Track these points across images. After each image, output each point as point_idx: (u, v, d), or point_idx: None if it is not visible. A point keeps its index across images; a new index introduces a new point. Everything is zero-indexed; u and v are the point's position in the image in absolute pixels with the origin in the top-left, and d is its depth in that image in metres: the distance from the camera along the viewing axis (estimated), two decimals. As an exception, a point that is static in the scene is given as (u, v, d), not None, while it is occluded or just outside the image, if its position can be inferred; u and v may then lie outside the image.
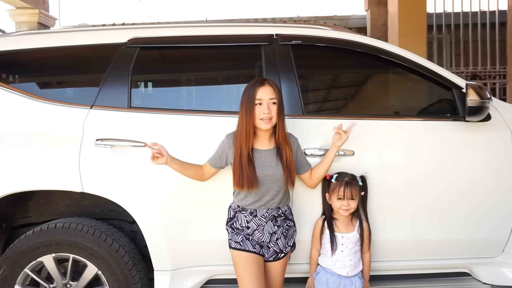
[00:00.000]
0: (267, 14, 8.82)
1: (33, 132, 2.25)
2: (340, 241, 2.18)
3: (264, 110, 1.99)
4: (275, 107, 2.02)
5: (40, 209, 2.49)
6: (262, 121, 2.00)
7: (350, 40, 2.42)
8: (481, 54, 6.65)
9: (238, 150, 2.03)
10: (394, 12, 5.84)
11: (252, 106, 2.00)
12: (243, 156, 2.01)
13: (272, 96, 2.02)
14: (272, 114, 2.00)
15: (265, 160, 2.06)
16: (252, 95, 2.00)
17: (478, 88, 2.19)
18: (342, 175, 2.17)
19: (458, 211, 2.31)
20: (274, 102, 2.02)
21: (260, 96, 2.00)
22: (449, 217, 2.31)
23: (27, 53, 2.44)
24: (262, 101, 2.00)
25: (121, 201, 2.23)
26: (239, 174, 2.02)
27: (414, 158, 2.28)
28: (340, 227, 2.20)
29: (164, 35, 2.47)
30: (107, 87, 2.30)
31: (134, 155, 2.22)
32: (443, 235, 2.32)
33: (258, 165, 2.05)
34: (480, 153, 2.30)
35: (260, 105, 2.00)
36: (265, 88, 2.01)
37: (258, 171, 2.04)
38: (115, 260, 2.22)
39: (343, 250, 2.18)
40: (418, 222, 2.30)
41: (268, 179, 2.05)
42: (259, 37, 2.41)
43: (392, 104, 3.08)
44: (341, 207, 2.14)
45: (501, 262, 2.37)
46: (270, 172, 2.05)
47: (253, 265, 2.03)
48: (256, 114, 2.00)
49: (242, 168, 2.01)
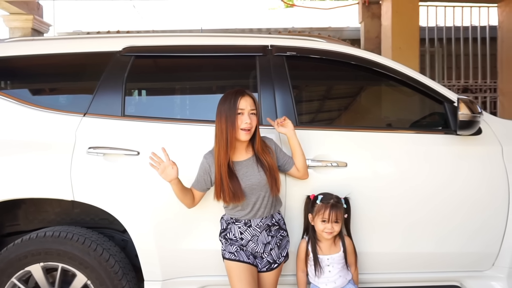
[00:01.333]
0: (262, 24, 8.87)
1: (24, 139, 2.23)
2: (326, 263, 2.17)
3: (246, 119, 1.99)
4: (254, 118, 2.03)
5: (29, 217, 2.46)
6: (243, 132, 2.00)
7: (344, 52, 2.44)
8: (473, 68, 6.74)
9: (218, 164, 2.00)
10: (387, 25, 5.91)
11: (234, 116, 1.99)
12: (223, 169, 1.99)
13: (253, 107, 2.03)
14: (252, 125, 2.01)
15: (247, 170, 2.05)
16: (234, 105, 2.00)
17: (469, 102, 2.21)
18: (327, 197, 2.14)
19: (449, 224, 2.31)
20: (253, 113, 2.03)
21: (242, 106, 2.01)
22: (441, 230, 2.31)
23: (21, 59, 2.43)
24: (243, 111, 2.01)
25: (112, 210, 2.20)
26: (220, 189, 2.01)
27: (407, 171, 2.29)
28: (324, 249, 2.18)
29: (159, 44, 2.48)
30: (101, 95, 2.29)
31: (127, 163, 2.20)
32: (435, 248, 2.32)
33: (242, 176, 2.04)
34: (471, 166, 2.32)
35: (242, 115, 2.00)
36: (246, 99, 2.02)
37: (243, 182, 2.03)
38: (105, 269, 2.19)
39: (331, 271, 2.17)
40: (410, 234, 2.31)
41: (255, 188, 2.04)
42: (254, 48, 2.42)
43: (385, 116, 3.10)
44: (324, 229, 2.11)
45: (491, 276, 2.38)
46: (255, 181, 2.04)
47: (248, 276, 2.02)
48: (238, 124, 2.00)
49: (223, 182, 1.99)
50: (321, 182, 2.24)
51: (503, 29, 6.38)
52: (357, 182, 2.25)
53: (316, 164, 2.23)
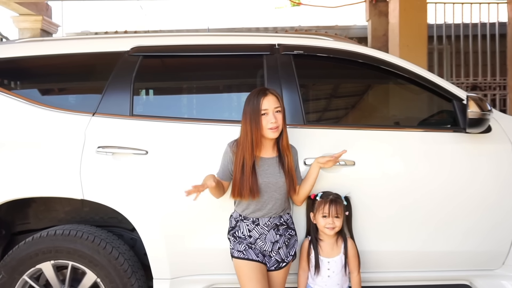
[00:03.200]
0: (269, 23, 8.86)
1: (34, 139, 2.26)
2: (326, 266, 2.16)
3: (271, 119, 2.01)
4: (280, 115, 2.04)
5: (39, 216, 2.49)
6: (271, 131, 2.01)
7: (351, 50, 2.44)
8: (482, 65, 6.67)
9: (241, 159, 2.03)
10: (395, 23, 5.88)
11: (258, 117, 2.01)
12: (246, 166, 2.01)
13: (277, 105, 2.04)
14: (279, 123, 2.02)
15: (268, 168, 2.07)
16: (257, 106, 2.01)
17: (478, 100, 2.20)
18: (327, 194, 2.16)
19: (459, 223, 2.30)
20: (278, 110, 2.04)
21: (265, 106, 2.02)
22: (450, 228, 2.30)
23: (31, 60, 2.45)
24: (267, 111, 2.02)
25: (121, 209, 2.22)
26: (239, 183, 2.02)
27: (415, 169, 2.28)
28: (325, 250, 2.18)
29: (167, 43, 2.49)
30: (110, 95, 2.31)
31: (136, 162, 2.22)
32: (445, 247, 2.31)
33: (261, 172, 2.05)
34: (481, 165, 2.30)
35: (266, 115, 2.01)
36: (269, 98, 2.03)
37: (261, 178, 2.04)
38: (114, 267, 2.21)
39: (330, 275, 2.16)
40: (420, 233, 2.30)
41: (270, 187, 2.05)
42: (261, 47, 2.43)
43: (393, 114, 3.09)
44: (325, 225, 2.12)
45: (501, 275, 2.36)
46: (273, 180, 2.05)
47: (258, 274, 2.02)
48: (264, 125, 2.01)
49: (244, 178, 2.01)
50: (329, 180, 2.23)
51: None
52: (365, 180, 2.25)
53: (324, 162, 2.23)
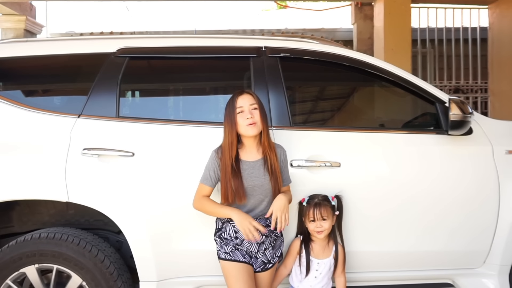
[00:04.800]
0: (255, 25, 8.89)
1: (18, 140, 2.23)
2: (315, 267, 2.20)
3: (246, 115, 2.03)
4: (257, 112, 2.06)
5: (23, 219, 2.46)
6: (249, 127, 2.03)
7: (337, 53, 2.47)
8: (464, 68, 6.81)
9: (223, 163, 2.04)
10: (380, 26, 5.96)
11: (233, 115, 2.04)
12: (227, 168, 2.03)
13: (252, 102, 2.06)
14: (255, 119, 2.04)
15: (253, 171, 2.08)
16: (233, 105, 2.06)
17: (460, 103, 2.25)
18: (313, 197, 2.20)
19: (441, 223, 2.35)
20: (255, 107, 2.06)
21: (240, 103, 2.05)
22: (433, 228, 2.35)
23: (15, 61, 2.42)
24: (243, 108, 2.05)
25: (107, 211, 2.21)
26: (225, 187, 2.04)
27: (399, 170, 2.32)
28: (316, 251, 2.21)
29: (153, 45, 2.48)
30: (95, 96, 2.29)
31: (122, 164, 2.21)
32: (426, 246, 2.35)
33: (246, 176, 2.06)
34: (463, 166, 2.35)
35: (242, 113, 2.04)
36: (243, 96, 2.07)
37: (246, 182, 2.05)
38: (100, 270, 2.19)
39: (317, 276, 2.20)
40: (402, 233, 2.34)
41: (256, 190, 2.07)
42: (248, 49, 2.44)
43: (378, 116, 3.13)
44: (314, 229, 2.16)
45: (482, 273, 2.41)
46: (258, 183, 2.06)
47: (245, 275, 2.03)
48: (240, 122, 2.04)
49: (227, 181, 2.03)
50: (315, 182, 2.26)
51: (494, 30, 6.46)
52: (350, 181, 2.28)
53: (310, 164, 2.26)
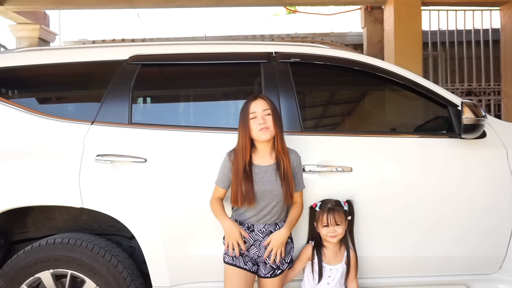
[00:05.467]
0: (265, 30, 8.92)
1: (33, 147, 2.26)
2: (327, 273, 2.19)
3: (259, 121, 2.05)
4: (270, 117, 2.07)
5: (38, 225, 2.49)
6: (262, 132, 2.04)
7: (347, 58, 2.47)
8: (476, 71, 6.73)
9: (235, 166, 2.06)
10: (390, 29, 5.94)
11: (247, 121, 2.06)
12: (239, 172, 2.04)
13: (265, 107, 2.07)
14: (268, 124, 2.05)
15: (265, 176, 2.08)
16: (246, 110, 2.08)
17: (473, 106, 2.23)
18: (325, 202, 2.18)
19: (456, 228, 2.32)
20: (268, 113, 2.07)
21: (253, 109, 2.07)
22: (449, 234, 2.32)
23: (29, 69, 2.46)
24: (256, 114, 2.06)
25: (120, 217, 2.23)
26: (235, 190, 2.05)
27: (412, 175, 2.30)
28: (328, 256, 2.20)
29: (165, 52, 2.51)
30: (108, 103, 2.32)
31: (134, 171, 2.23)
32: (442, 252, 2.32)
33: (258, 180, 2.07)
34: (477, 170, 2.32)
35: (255, 118, 2.06)
36: (257, 102, 2.08)
37: (257, 186, 2.06)
38: (114, 276, 2.21)
39: (329, 283, 2.19)
40: (417, 239, 2.31)
41: (267, 195, 2.07)
42: (258, 55, 2.45)
43: (389, 121, 3.12)
44: (327, 234, 2.15)
45: (498, 279, 2.37)
46: (269, 188, 2.07)
47: (241, 282, 2.05)
48: (253, 127, 2.06)
49: (237, 184, 2.04)
50: (326, 187, 2.25)
51: (506, 31, 6.38)
52: (362, 186, 2.27)
53: (321, 169, 2.25)
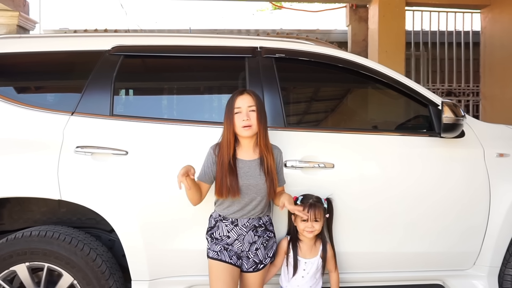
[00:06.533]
0: (251, 25, 8.90)
1: (10, 137, 2.21)
2: (302, 267, 2.21)
3: (243, 117, 2.04)
4: (254, 114, 2.06)
5: (14, 216, 2.43)
6: (244, 129, 2.04)
7: (332, 55, 2.48)
8: (456, 72, 6.87)
9: (220, 159, 2.05)
10: (374, 28, 6.00)
11: (231, 115, 2.06)
12: (224, 165, 2.04)
13: (251, 104, 2.06)
14: (251, 122, 2.04)
15: (249, 170, 2.08)
16: (231, 105, 2.07)
17: (453, 106, 2.28)
18: (307, 197, 2.19)
19: (432, 225, 2.37)
20: (253, 109, 2.06)
21: (239, 104, 2.06)
22: (423, 230, 2.37)
23: (7, 57, 2.40)
24: (241, 109, 2.05)
25: (100, 210, 2.20)
26: (220, 182, 2.05)
27: (392, 172, 2.34)
28: (304, 250, 2.22)
29: (148, 44, 2.48)
30: (89, 94, 2.28)
31: (115, 163, 2.20)
32: (417, 248, 2.37)
33: (242, 174, 2.07)
34: (454, 168, 2.38)
35: (240, 114, 2.05)
36: (243, 97, 2.07)
37: (241, 180, 2.06)
38: (92, 269, 2.18)
39: (304, 276, 2.21)
40: (395, 234, 2.35)
41: (251, 189, 2.07)
42: (243, 49, 2.44)
43: (371, 118, 3.15)
44: (305, 228, 2.16)
45: (473, 275, 2.44)
46: (253, 182, 2.07)
47: (227, 276, 2.04)
48: (236, 123, 2.05)
49: (223, 176, 2.04)
50: (308, 182, 2.27)
51: (486, 34, 6.54)
52: (344, 183, 2.29)
53: (303, 165, 2.26)
